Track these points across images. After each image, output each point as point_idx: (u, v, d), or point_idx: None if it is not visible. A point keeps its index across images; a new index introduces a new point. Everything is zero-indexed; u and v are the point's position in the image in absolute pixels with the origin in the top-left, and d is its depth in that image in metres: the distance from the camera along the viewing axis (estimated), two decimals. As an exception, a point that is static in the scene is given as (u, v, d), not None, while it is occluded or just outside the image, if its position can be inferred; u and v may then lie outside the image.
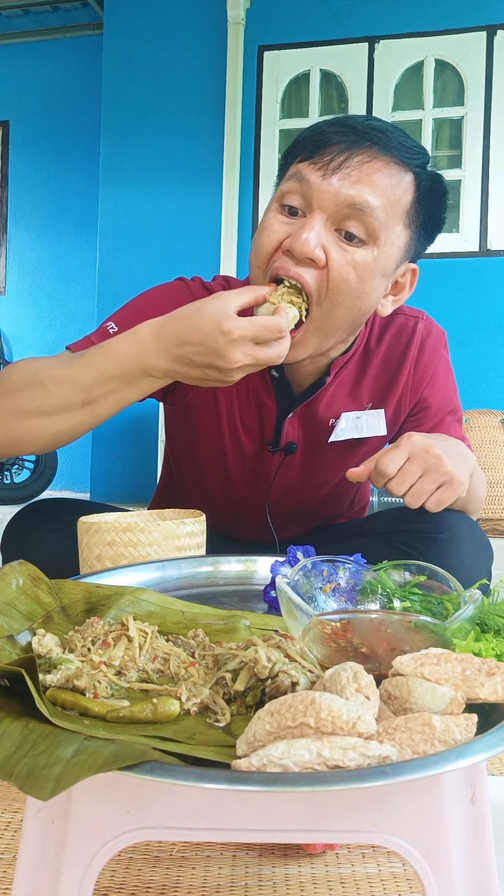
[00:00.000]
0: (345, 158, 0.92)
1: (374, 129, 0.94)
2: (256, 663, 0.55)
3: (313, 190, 0.93)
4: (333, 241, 0.93)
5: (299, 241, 0.91)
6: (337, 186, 0.92)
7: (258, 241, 0.98)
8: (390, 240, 0.96)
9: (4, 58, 5.50)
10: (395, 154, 0.94)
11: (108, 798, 0.45)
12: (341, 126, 0.94)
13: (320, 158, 0.93)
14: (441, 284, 4.17)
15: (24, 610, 0.68)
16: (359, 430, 1.16)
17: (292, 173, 0.96)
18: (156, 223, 4.61)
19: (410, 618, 0.62)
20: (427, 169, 0.99)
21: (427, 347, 1.16)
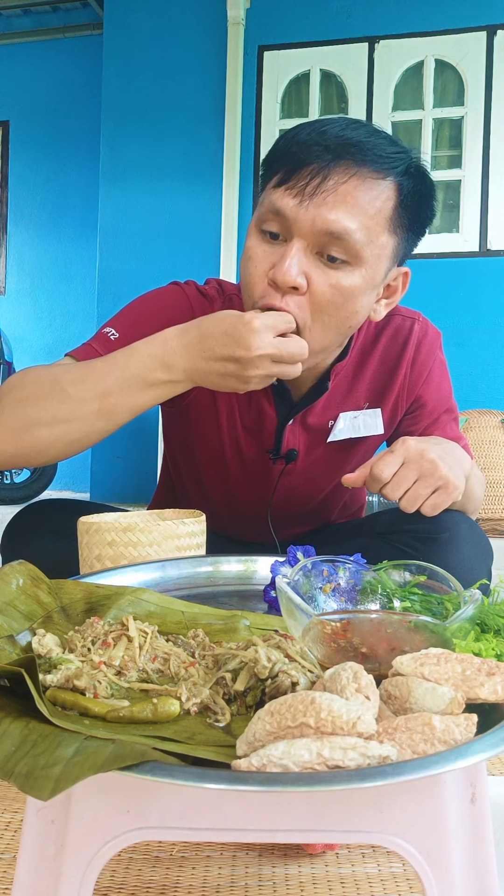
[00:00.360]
0: (320, 181, 0.90)
1: (350, 142, 0.91)
2: (256, 663, 0.55)
3: (290, 219, 0.91)
4: (315, 265, 0.93)
5: (281, 272, 0.91)
6: (313, 214, 0.90)
7: (246, 271, 0.97)
8: (375, 252, 0.95)
9: (4, 58, 5.50)
10: (374, 166, 0.92)
11: (108, 798, 0.45)
12: (315, 144, 0.91)
13: (295, 183, 0.91)
14: (441, 284, 4.17)
15: (24, 610, 0.68)
16: (356, 429, 1.16)
17: (268, 202, 0.94)
18: (156, 223, 4.61)
19: (410, 618, 0.62)
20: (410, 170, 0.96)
21: (423, 348, 1.16)
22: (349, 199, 0.90)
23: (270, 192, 0.94)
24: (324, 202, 0.90)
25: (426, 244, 4.40)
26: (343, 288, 0.93)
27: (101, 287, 4.69)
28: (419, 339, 1.15)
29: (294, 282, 0.91)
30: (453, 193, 4.27)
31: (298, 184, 0.91)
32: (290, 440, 1.15)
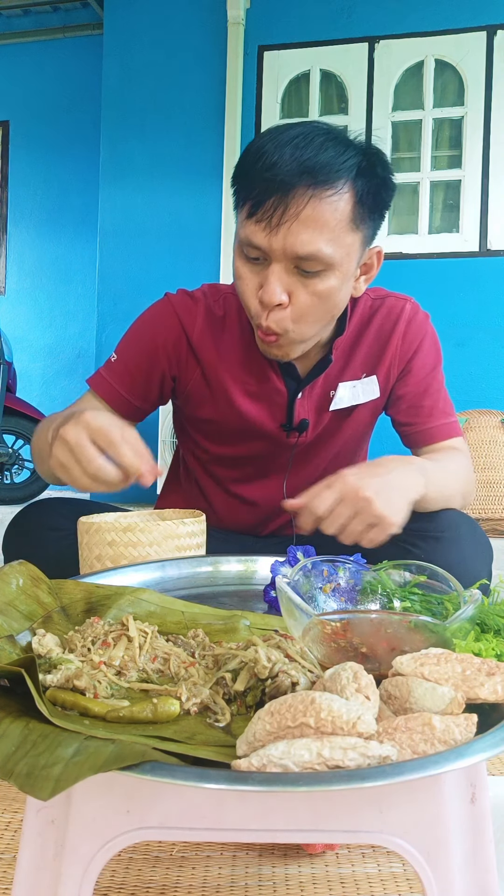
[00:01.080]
0: (282, 211, 0.99)
1: (301, 169, 0.98)
2: (256, 663, 0.55)
3: (264, 249, 1.02)
4: (294, 280, 1.04)
5: (267, 295, 1.03)
6: (282, 243, 1.01)
7: (239, 290, 1.10)
8: (344, 252, 1.04)
9: (4, 58, 5.50)
10: (326, 183, 0.99)
11: (108, 798, 0.45)
12: (272, 176, 0.99)
13: (261, 216, 1.01)
14: (441, 284, 4.17)
15: (24, 610, 0.68)
16: (356, 397, 1.27)
17: (243, 234, 1.05)
18: (156, 223, 4.61)
19: (410, 618, 0.62)
20: (361, 166, 1.02)
21: (413, 324, 1.26)
22: (310, 222, 1.00)
23: (244, 224, 1.05)
24: (289, 231, 1.00)
25: (426, 244, 4.42)
26: (321, 292, 1.05)
27: (101, 287, 4.69)
28: (410, 316, 1.26)
29: (279, 299, 1.04)
30: (453, 193, 4.27)
31: (264, 216, 1.01)
32: (300, 412, 1.26)
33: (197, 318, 1.25)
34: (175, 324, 1.24)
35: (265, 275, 1.04)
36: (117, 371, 1.25)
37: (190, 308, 1.25)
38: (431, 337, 1.29)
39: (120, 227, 4.66)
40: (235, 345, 1.24)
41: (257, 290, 1.06)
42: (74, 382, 5.58)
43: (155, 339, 1.24)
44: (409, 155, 4.33)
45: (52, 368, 5.64)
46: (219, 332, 1.25)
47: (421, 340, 1.27)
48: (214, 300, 1.27)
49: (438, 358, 1.30)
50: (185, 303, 1.26)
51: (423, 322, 1.28)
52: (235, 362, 1.25)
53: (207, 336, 1.25)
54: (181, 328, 1.24)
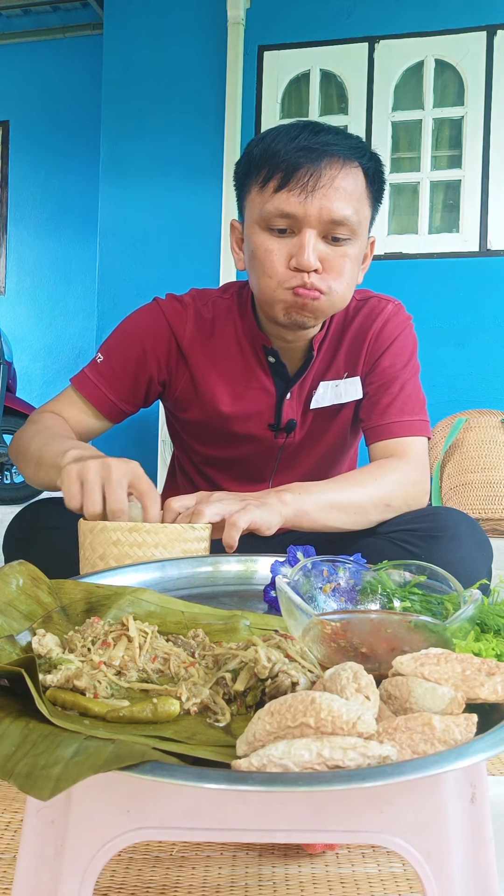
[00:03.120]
0: (317, 178, 1.07)
1: (326, 143, 1.08)
2: (256, 663, 0.55)
3: (299, 216, 1.08)
4: (325, 247, 1.11)
5: (304, 259, 1.08)
6: (318, 207, 1.08)
7: (265, 263, 1.12)
8: (364, 224, 1.14)
9: (4, 58, 5.50)
10: (349, 158, 1.10)
11: (108, 798, 0.45)
12: (298, 150, 1.08)
13: (295, 184, 1.07)
14: (441, 284, 4.17)
15: (24, 610, 0.68)
16: (338, 396, 1.28)
17: (272, 206, 1.09)
18: (156, 223, 4.61)
19: (410, 618, 0.62)
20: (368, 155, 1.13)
21: (390, 324, 1.27)
22: (341, 189, 1.09)
23: (272, 198, 1.09)
24: (325, 196, 1.08)
25: (426, 244, 4.42)
26: (350, 256, 1.13)
27: (101, 287, 4.69)
28: (388, 316, 1.28)
29: (315, 265, 1.09)
30: (453, 193, 4.27)
31: (298, 184, 1.07)
32: (288, 412, 1.27)
33: (187, 324, 1.26)
34: (165, 329, 1.25)
35: (297, 243, 1.09)
36: (103, 372, 1.26)
37: (180, 313, 1.26)
38: (406, 337, 1.28)
39: (120, 227, 4.66)
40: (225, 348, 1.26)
41: (287, 260, 1.10)
42: (74, 382, 5.57)
43: (144, 344, 1.25)
44: (409, 155, 4.34)
45: (52, 368, 5.64)
46: (208, 336, 1.26)
47: (393, 340, 1.27)
48: (203, 304, 1.28)
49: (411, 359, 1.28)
50: (175, 308, 1.27)
51: (400, 323, 1.28)
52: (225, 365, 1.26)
53: (197, 341, 1.26)
54: (171, 334, 1.25)
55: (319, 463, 1.34)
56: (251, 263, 1.15)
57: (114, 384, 1.26)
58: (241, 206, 1.20)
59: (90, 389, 1.26)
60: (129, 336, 1.26)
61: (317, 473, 1.35)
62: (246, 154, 1.15)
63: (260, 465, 1.32)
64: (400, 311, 1.29)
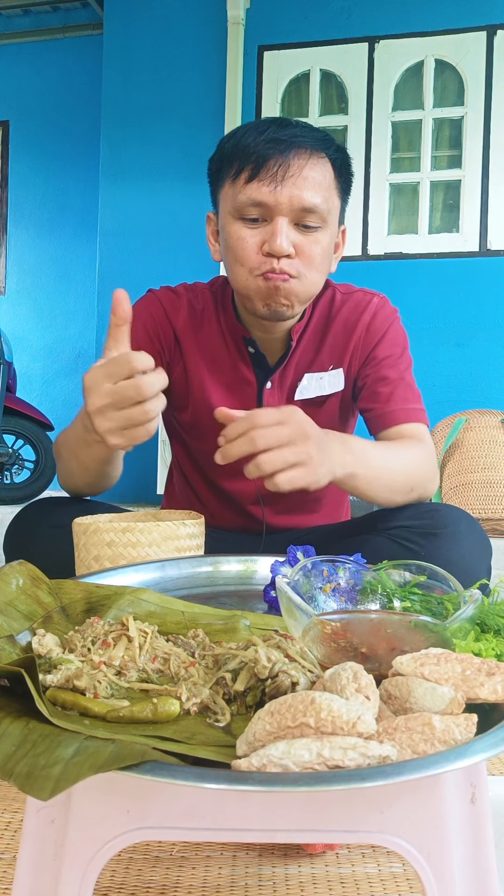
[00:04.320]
0: (286, 168, 1.10)
1: (294, 135, 1.12)
2: (256, 663, 0.55)
3: (270, 204, 1.11)
4: (297, 234, 1.13)
5: (277, 245, 1.11)
6: (288, 196, 1.11)
7: (238, 250, 1.15)
8: (333, 213, 1.17)
9: (4, 58, 5.50)
10: (317, 149, 1.13)
11: (108, 798, 0.45)
12: (268, 140, 1.11)
13: (265, 174, 1.10)
14: (441, 284, 4.17)
15: (24, 610, 0.68)
16: (322, 388, 1.29)
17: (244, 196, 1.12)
18: (156, 223, 4.61)
19: (410, 618, 0.62)
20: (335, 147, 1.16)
21: (379, 316, 1.29)
22: (310, 178, 1.12)
23: (243, 188, 1.13)
24: (294, 184, 1.11)
25: (426, 244, 4.42)
26: (321, 242, 1.15)
27: (101, 287, 4.69)
28: (376, 309, 1.30)
29: (288, 250, 1.12)
30: (453, 193, 4.27)
31: (268, 174, 1.11)
32: (269, 402, 1.28)
33: (181, 312, 1.29)
34: (163, 317, 1.29)
35: (269, 230, 1.12)
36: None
37: (174, 302, 1.30)
38: (396, 329, 1.31)
39: (120, 227, 4.66)
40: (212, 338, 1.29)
41: (259, 247, 1.13)
42: (74, 382, 5.58)
43: (147, 328, 1.27)
44: (409, 155, 4.34)
45: (52, 368, 5.64)
46: (198, 326, 1.29)
47: (385, 331, 1.29)
48: (194, 295, 1.31)
49: (404, 350, 1.30)
50: (169, 297, 1.30)
51: (388, 315, 1.30)
52: (212, 355, 1.28)
53: (189, 329, 1.29)
54: (168, 321, 1.29)
55: None
56: (226, 253, 1.18)
57: None
58: (216, 200, 1.23)
59: None
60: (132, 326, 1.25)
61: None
62: (218, 150, 1.19)
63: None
64: (386, 304, 1.31)
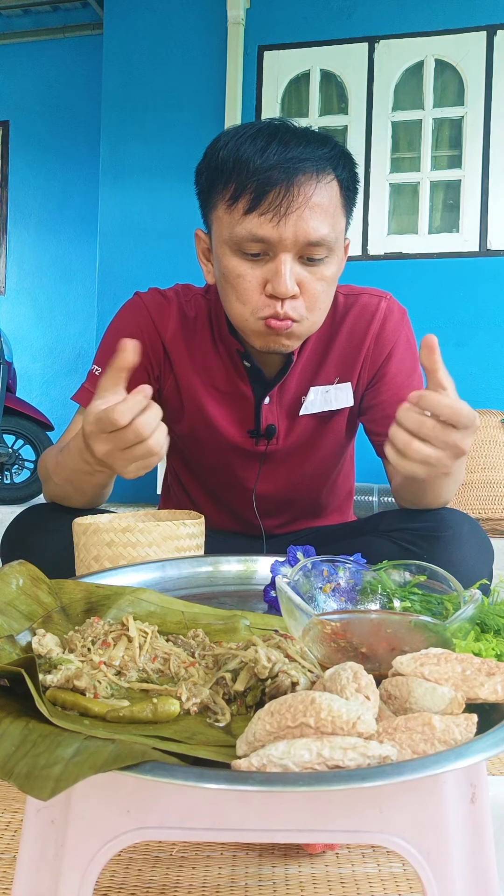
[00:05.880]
0: (291, 199, 0.99)
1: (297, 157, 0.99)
2: (256, 663, 0.55)
3: (272, 241, 1.00)
4: (302, 270, 1.04)
5: (282, 286, 1.01)
6: (293, 231, 1.00)
7: (238, 289, 1.05)
8: (339, 237, 1.07)
9: (4, 58, 5.50)
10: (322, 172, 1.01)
11: (108, 798, 0.45)
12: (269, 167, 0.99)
13: (267, 207, 0.99)
14: (441, 284, 4.17)
15: (24, 610, 0.68)
16: (328, 402, 1.21)
17: (244, 230, 1.01)
18: (156, 223, 4.61)
19: (410, 618, 0.62)
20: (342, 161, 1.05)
21: (388, 324, 1.21)
22: (317, 207, 1.01)
23: (242, 220, 1.01)
24: (300, 217, 1.00)
25: (426, 244, 4.42)
26: (327, 278, 1.06)
27: (101, 287, 4.69)
28: (385, 315, 1.21)
29: (293, 291, 1.02)
30: (453, 193, 4.27)
31: (271, 207, 0.99)
32: (268, 417, 1.21)
33: (170, 320, 1.20)
34: (149, 326, 1.20)
35: (272, 268, 1.02)
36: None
37: (163, 308, 1.21)
38: (407, 337, 1.23)
39: (120, 227, 4.66)
40: (205, 348, 1.21)
41: (262, 286, 1.04)
42: (74, 382, 5.58)
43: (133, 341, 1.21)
44: (409, 155, 4.34)
45: (52, 368, 5.64)
46: (190, 335, 1.21)
47: (395, 343, 1.21)
48: (186, 300, 1.22)
49: (415, 362, 1.24)
50: (158, 302, 1.21)
51: (398, 321, 1.22)
52: (205, 367, 1.21)
53: (180, 338, 1.21)
54: (155, 331, 1.20)
55: (315, 471, 1.29)
56: (222, 285, 1.09)
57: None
58: (207, 217, 1.12)
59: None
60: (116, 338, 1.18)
61: (312, 483, 1.30)
62: (208, 159, 1.07)
63: (243, 473, 1.26)
64: (395, 307, 1.23)
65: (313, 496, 1.33)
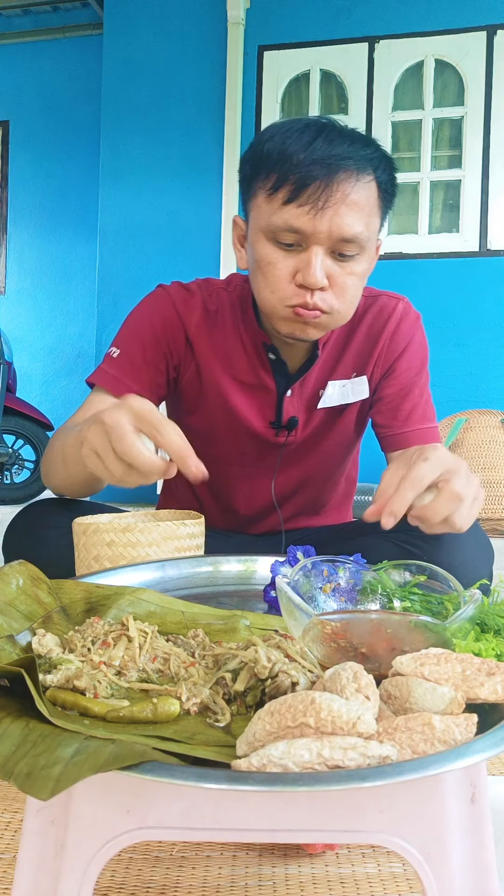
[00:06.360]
0: (329, 194, 1.02)
1: (341, 156, 1.02)
2: (256, 663, 0.55)
3: (308, 232, 1.03)
4: (333, 264, 1.07)
5: (311, 277, 1.04)
6: (328, 225, 1.03)
7: (269, 276, 1.08)
8: (372, 237, 1.10)
9: (4, 58, 5.50)
10: (363, 171, 1.05)
11: (108, 798, 0.45)
12: (312, 162, 1.02)
13: (305, 200, 1.02)
14: (441, 284, 4.17)
15: (24, 610, 0.68)
16: (345, 396, 1.27)
17: (281, 220, 1.04)
18: (156, 223, 4.61)
19: (410, 618, 0.62)
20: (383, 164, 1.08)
21: (404, 324, 1.26)
22: (353, 205, 1.04)
23: (279, 210, 1.04)
24: (336, 213, 1.03)
25: (426, 244, 4.42)
26: (357, 274, 1.09)
27: (101, 287, 4.69)
28: (401, 316, 1.27)
29: (322, 283, 1.05)
30: (453, 193, 4.27)
31: (310, 200, 1.02)
32: (289, 410, 1.25)
33: (194, 312, 1.23)
34: (174, 316, 1.22)
35: (304, 259, 1.05)
36: (123, 365, 1.20)
37: (187, 301, 1.24)
38: (420, 339, 1.28)
39: (120, 227, 4.66)
40: (227, 341, 1.24)
41: (292, 275, 1.07)
42: (74, 382, 5.59)
43: (155, 329, 1.22)
44: (409, 155, 4.34)
45: (52, 368, 5.64)
46: (212, 327, 1.24)
47: (409, 341, 1.26)
48: (208, 294, 1.25)
49: (425, 362, 1.29)
50: (182, 295, 1.24)
51: (413, 323, 1.27)
52: (228, 358, 1.24)
53: (203, 330, 1.23)
54: (179, 321, 1.23)
55: (323, 463, 1.33)
56: (254, 271, 1.12)
57: (136, 375, 1.20)
58: (246, 204, 1.14)
59: (113, 384, 1.19)
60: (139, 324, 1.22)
61: (320, 474, 1.34)
62: (254, 149, 1.09)
63: (262, 465, 1.30)
64: (410, 310, 1.28)
65: (315, 492, 1.36)
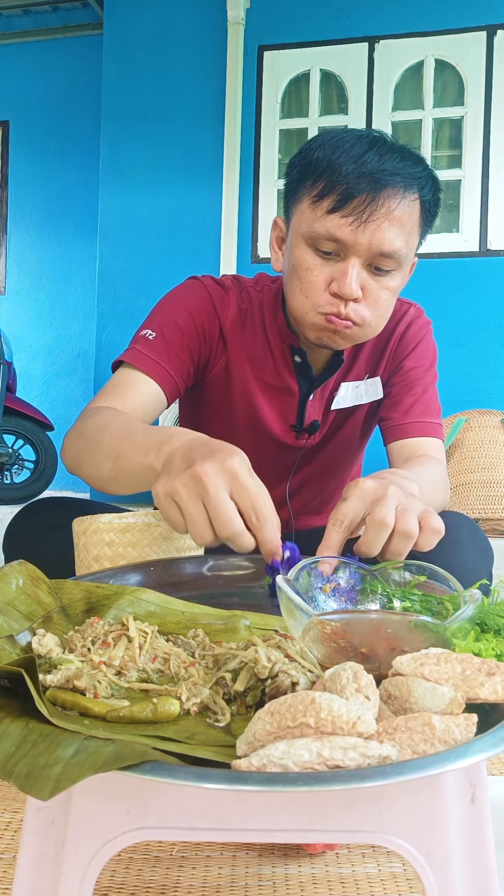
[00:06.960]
0: (374, 208, 1.03)
1: (390, 171, 1.03)
2: (256, 663, 0.55)
3: (347, 243, 1.04)
4: (368, 277, 1.07)
5: (346, 288, 1.05)
6: (369, 239, 1.03)
7: (304, 281, 1.09)
8: (410, 254, 1.10)
9: (4, 58, 5.50)
10: (410, 190, 1.06)
11: (108, 798, 0.45)
12: (361, 175, 1.03)
13: (350, 211, 1.03)
14: (441, 284, 4.17)
15: (24, 610, 0.68)
16: (359, 397, 1.28)
17: (324, 228, 1.05)
18: (156, 223, 4.61)
19: (410, 618, 0.62)
20: (429, 184, 1.09)
21: (413, 327, 1.29)
22: (396, 222, 1.05)
23: (322, 218, 1.05)
24: (378, 227, 1.03)
25: (426, 244, 4.40)
26: (391, 289, 1.10)
27: (101, 287, 4.69)
28: (412, 319, 1.29)
29: (357, 294, 1.06)
30: (453, 193, 4.27)
31: (354, 212, 1.03)
32: (311, 413, 1.27)
33: (229, 308, 1.23)
34: (210, 308, 1.22)
35: (341, 268, 1.06)
36: (159, 347, 1.16)
37: (222, 296, 1.24)
38: (428, 342, 1.30)
39: (120, 227, 4.66)
40: (256, 340, 1.24)
41: (327, 283, 1.07)
42: (74, 382, 5.59)
43: (193, 316, 1.20)
44: (409, 155, 4.34)
45: (52, 368, 5.64)
46: (244, 326, 1.24)
47: (417, 343, 1.28)
48: (240, 292, 1.25)
49: (433, 363, 1.31)
50: (218, 290, 1.24)
51: (422, 327, 1.29)
52: (255, 358, 1.24)
53: (237, 327, 1.23)
54: (215, 314, 1.22)
55: (331, 463, 1.34)
56: (290, 275, 1.12)
57: (171, 358, 1.17)
58: (289, 208, 1.14)
59: (150, 365, 1.14)
60: (177, 308, 1.21)
61: (326, 474, 1.35)
62: (303, 154, 1.09)
63: (280, 467, 1.31)
64: (421, 315, 1.30)
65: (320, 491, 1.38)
